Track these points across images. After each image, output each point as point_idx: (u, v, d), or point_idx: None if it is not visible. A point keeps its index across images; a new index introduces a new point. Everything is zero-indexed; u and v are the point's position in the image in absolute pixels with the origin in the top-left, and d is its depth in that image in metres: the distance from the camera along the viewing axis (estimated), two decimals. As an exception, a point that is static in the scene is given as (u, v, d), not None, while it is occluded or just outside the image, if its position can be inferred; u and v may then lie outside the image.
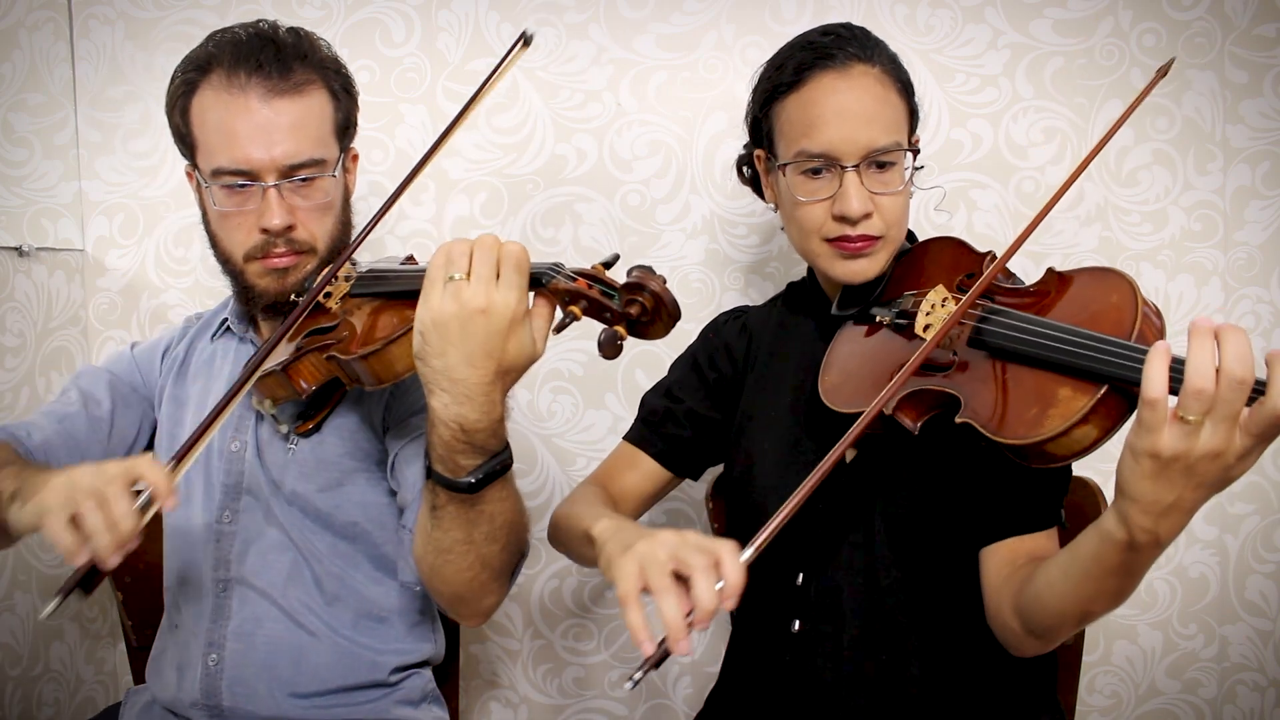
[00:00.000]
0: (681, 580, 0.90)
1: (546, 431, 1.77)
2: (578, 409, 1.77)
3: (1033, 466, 0.98)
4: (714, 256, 1.74)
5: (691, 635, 0.89)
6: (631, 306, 0.96)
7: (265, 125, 1.18)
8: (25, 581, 1.63)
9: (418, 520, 1.12)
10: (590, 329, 1.74)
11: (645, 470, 1.36)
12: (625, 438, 1.39)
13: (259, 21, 1.27)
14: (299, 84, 1.21)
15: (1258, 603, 1.74)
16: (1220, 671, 1.75)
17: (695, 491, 1.76)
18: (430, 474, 1.05)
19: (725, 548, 0.91)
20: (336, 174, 1.25)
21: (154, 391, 1.39)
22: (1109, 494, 1.43)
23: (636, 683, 0.88)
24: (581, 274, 1.00)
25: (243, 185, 1.20)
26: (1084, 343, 0.94)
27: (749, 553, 0.92)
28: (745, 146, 1.33)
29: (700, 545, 0.92)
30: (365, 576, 1.28)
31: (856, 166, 1.15)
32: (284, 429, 1.28)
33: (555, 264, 1.02)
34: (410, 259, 1.32)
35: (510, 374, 1.00)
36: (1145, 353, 0.86)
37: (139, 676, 1.44)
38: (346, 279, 1.23)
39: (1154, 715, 1.77)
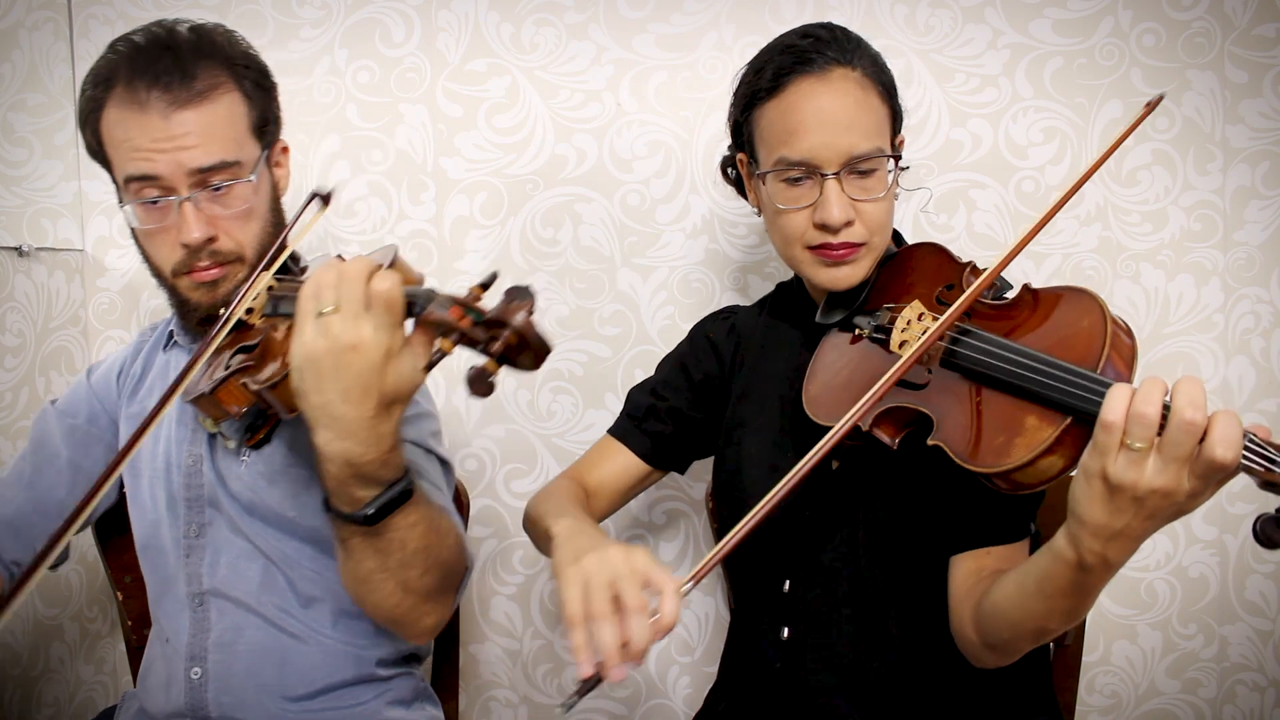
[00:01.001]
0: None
1: (546, 431, 1.77)
2: (578, 409, 1.77)
3: (1003, 492, 0.98)
4: (714, 256, 1.74)
5: (626, 666, 0.89)
6: (494, 343, 0.87)
7: (170, 136, 1.13)
8: (25, 581, 1.63)
9: (336, 551, 1.08)
10: (588, 326, 1.74)
11: (625, 463, 1.37)
12: (608, 431, 1.40)
13: (157, 24, 1.19)
14: (202, 91, 1.15)
15: (1258, 603, 1.74)
16: (1220, 671, 1.75)
17: (695, 491, 1.76)
18: (327, 508, 1.02)
19: (669, 586, 0.91)
20: (254, 177, 1.19)
21: (117, 415, 1.37)
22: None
23: (569, 707, 0.90)
24: (455, 301, 0.92)
25: (157, 200, 1.16)
26: (1051, 372, 0.94)
27: (688, 585, 0.92)
28: (729, 148, 1.32)
29: (644, 576, 0.92)
30: (338, 576, 1.26)
31: (837, 174, 1.13)
32: (232, 445, 1.24)
33: (429, 291, 0.94)
34: (339, 260, 1.25)
35: (396, 404, 0.95)
36: (1110, 386, 0.88)
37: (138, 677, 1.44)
38: (269, 290, 1.16)
39: (1154, 715, 1.77)
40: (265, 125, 1.23)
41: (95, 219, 1.77)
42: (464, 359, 0.88)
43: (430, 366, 0.93)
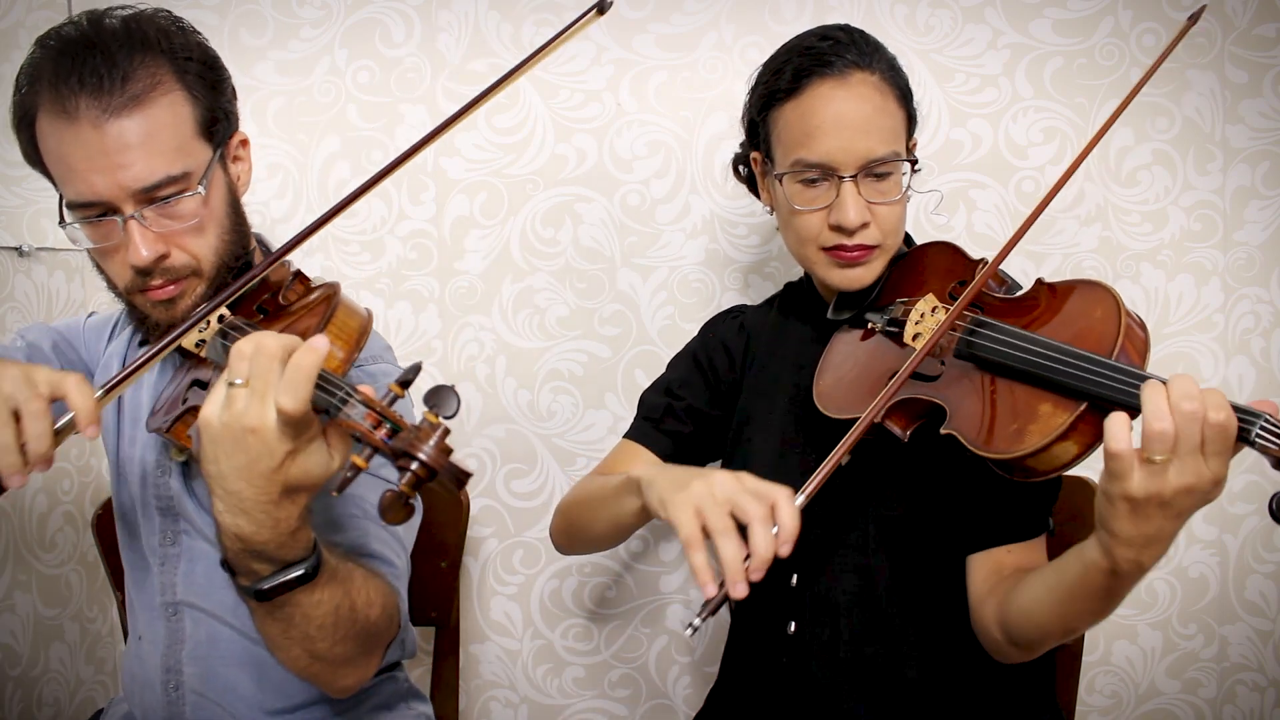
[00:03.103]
0: (738, 524, 0.92)
1: (546, 431, 1.77)
2: (578, 409, 1.77)
3: (1015, 480, 0.98)
4: (714, 256, 1.74)
5: (746, 582, 0.91)
6: (405, 473, 0.80)
7: (105, 151, 1.00)
8: (25, 581, 1.63)
9: None
10: (588, 326, 1.74)
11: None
12: (626, 435, 1.39)
13: (88, 12, 1.05)
14: (138, 95, 1.01)
15: (1258, 603, 1.74)
16: (1220, 671, 1.75)
17: (695, 491, 1.76)
18: (224, 567, 0.95)
19: (781, 494, 0.93)
20: (203, 188, 1.06)
21: (95, 368, 1.31)
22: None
23: (696, 629, 0.91)
24: (371, 406, 0.83)
25: (100, 217, 1.05)
26: (1065, 360, 0.95)
27: (802, 499, 0.94)
28: (741, 145, 1.33)
29: (756, 491, 0.93)
30: None
31: (854, 176, 1.15)
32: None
33: (346, 389, 0.84)
34: (299, 276, 1.13)
35: (300, 492, 0.87)
36: (1125, 372, 0.90)
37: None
38: (220, 319, 1.06)
39: (1154, 715, 1.77)
40: (215, 123, 1.09)
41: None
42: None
43: (344, 486, 0.83)
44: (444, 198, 1.74)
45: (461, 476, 0.81)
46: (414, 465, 0.80)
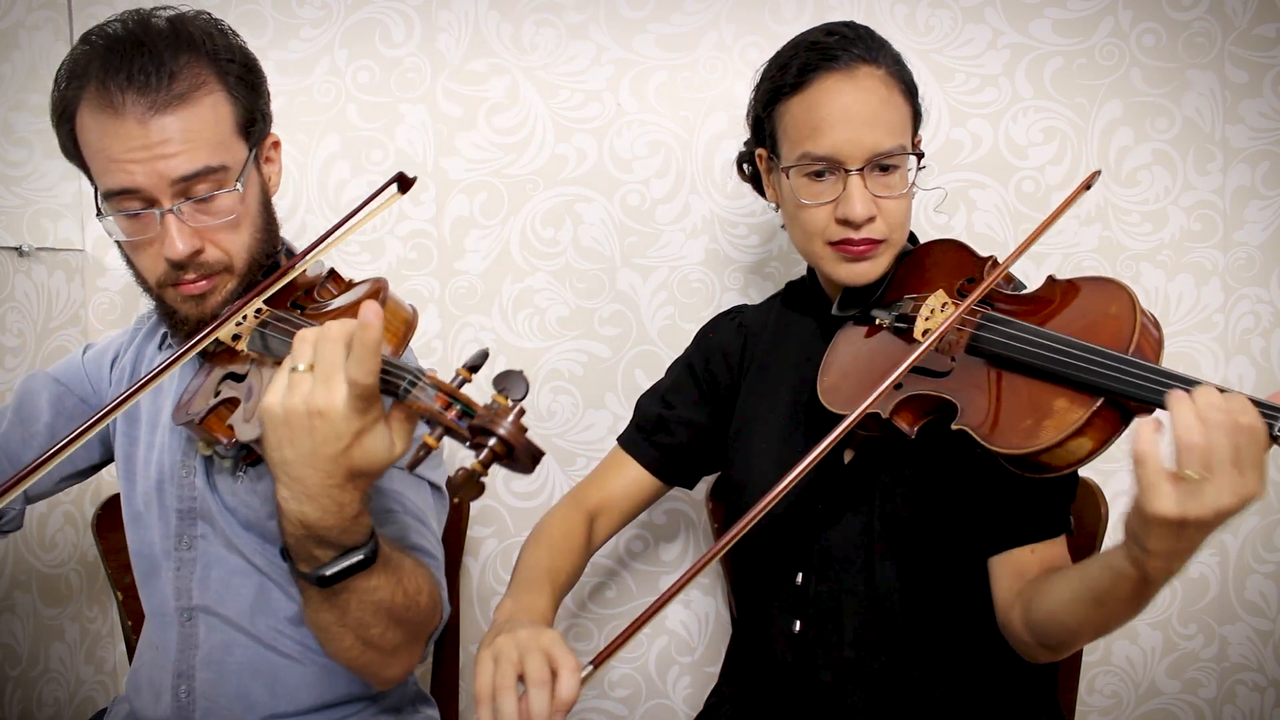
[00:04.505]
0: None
1: (546, 431, 1.77)
2: (578, 409, 1.77)
3: (1027, 476, 0.98)
4: (714, 256, 1.74)
5: None
6: (481, 450, 0.82)
7: (148, 145, 1.04)
8: (25, 581, 1.63)
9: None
10: (588, 326, 1.74)
11: (636, 477, 1.36)
12: (619, 440, 1.39)
13: (134, 12, 1.08)
14: (182, 93, 1.05)
15: (1258, 603, 1.74)
16: (1220, 671, 1.75)
17: (696, 492, 1.76)
18: (284, 556, 0.98)
19: (567, 663, 0.93)
20: (240, 185, 1.10)
21: (104, 401, 1.31)
22: (1109, 495, 1.44)
23: None
24: (441, 389, 0.86)
25: (138, 211, 1.07)
26: (1080, 355, 0.94)
27: (589, 669, 0.93)
28: (746, 144, 1.33)
29: (547, 653, 0.94)
30: None
31: (860, 170, 1.14)
32: (228, 464, 1.18)
33: (415, 371, 0.88)
34: (333, 275, 1.17)
35: (362, 477, 0.90)
36: (1141, 367, 0.89)
37: (139, 677, 1.43)
38: (256, 313, 1.08)
39: (1154, 715, 1.77)
40: (252, 124, 1.13)
41: (95, 219, 1.77)
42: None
43: (415, 465, 0.86)
44: (444, 198, 1.74)
45: (537, 454, 0.83)
46: (491, 442, 0.82)
